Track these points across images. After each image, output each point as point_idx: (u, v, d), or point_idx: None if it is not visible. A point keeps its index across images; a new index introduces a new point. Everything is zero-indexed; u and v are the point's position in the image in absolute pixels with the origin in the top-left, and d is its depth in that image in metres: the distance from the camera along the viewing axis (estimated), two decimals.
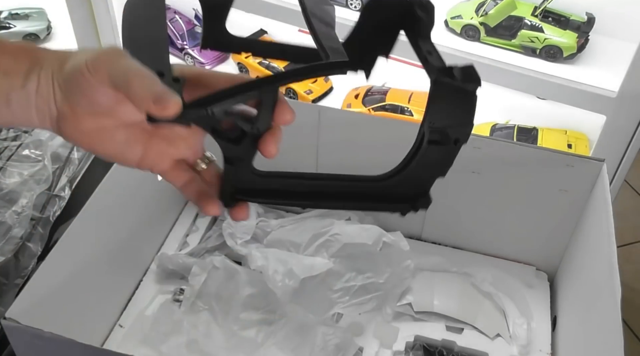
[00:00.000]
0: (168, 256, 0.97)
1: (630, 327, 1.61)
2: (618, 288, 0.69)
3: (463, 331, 0.92)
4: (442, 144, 0.45)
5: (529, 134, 1.39)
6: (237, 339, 0.87)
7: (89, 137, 0.44)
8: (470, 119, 0.45)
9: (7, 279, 0.89)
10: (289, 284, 0.88)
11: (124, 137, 0.45)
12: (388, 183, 0.48)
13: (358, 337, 0.90)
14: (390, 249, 0.95)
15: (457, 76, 0.43)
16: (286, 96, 1.54)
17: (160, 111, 0.39)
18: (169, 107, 0.39)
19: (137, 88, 0.40)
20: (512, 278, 0.99)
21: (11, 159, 1.02)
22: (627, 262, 1.75)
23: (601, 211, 0.82)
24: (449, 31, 1.31)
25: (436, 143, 0.45)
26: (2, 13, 1.66)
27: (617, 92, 1.15)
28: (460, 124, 0.45)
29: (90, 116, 0.43)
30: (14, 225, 0.94)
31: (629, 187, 1.98)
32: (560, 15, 1.29)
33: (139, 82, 0.40)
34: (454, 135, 0.45)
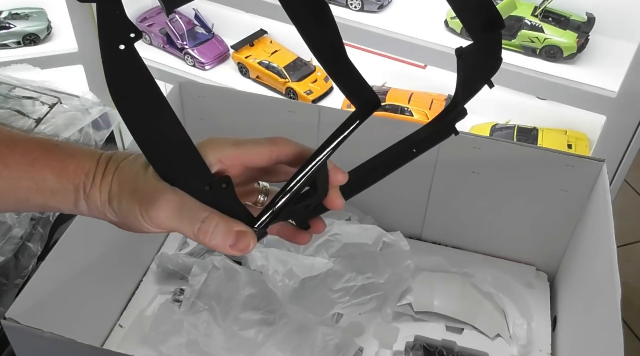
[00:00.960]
0: (168, 256, 0.97)
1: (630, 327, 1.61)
2: (618, 288, 0.69)
3: (463, 331, 0.92)
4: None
5: (529, 134, 1.39)
6: (237, 339, 0.87)
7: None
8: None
9: (7, 279, 0.89)
10: (289, 284, 0.88)
11: None
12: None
13: (358, 337, 0.90)
14: (390, 249, 0.95)
15: None
16: (286, 96, 1.54)
17: (239, 253, 0.41)
18: (247, 248, 0.42)
19: (210, 241, 0.41)
20: (512, 278, 0.99)
21: None
22: (627, 262, 1.75)
23: (601, 211, 0.82)
24: (449, 31, 1.31)
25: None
26: (2, 13, 1.66)
27: (617, 92, 1.15)
28: None
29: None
30: (14, 225, 0.94)
31: (629, 187, 1.98)
32: (560, 15, 1.29)
33: (209, 235, 0.42)
34: None
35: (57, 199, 0.44)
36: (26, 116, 1.08)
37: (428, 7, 1.38)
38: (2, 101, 1.10)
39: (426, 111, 1.44)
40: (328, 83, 1.56)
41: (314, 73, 1.57)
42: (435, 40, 1.27)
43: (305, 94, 1.52)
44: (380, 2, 1.34)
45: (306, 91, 1.53)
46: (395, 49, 1.30)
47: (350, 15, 1.32)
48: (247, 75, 1.61)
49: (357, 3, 1.33)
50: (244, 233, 0.41)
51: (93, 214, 0.45)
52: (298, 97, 1.53)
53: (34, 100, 1.11)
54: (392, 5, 1.38)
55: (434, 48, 1.26)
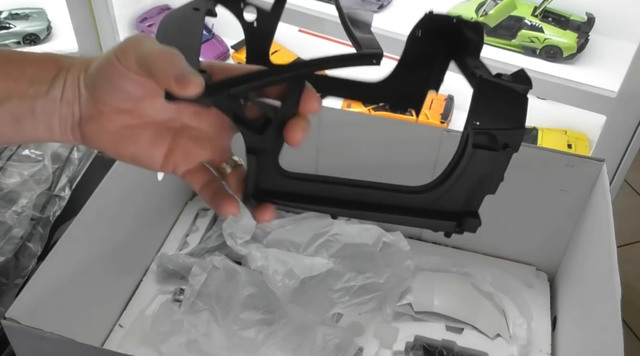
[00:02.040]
0: (168, 256, 0.97)
1: (630, 327, 1.61)
2: (618, 288, 0.69)
3: (463, 331, 0.92)
4: (490, 148, 0.41)
5: (529, 134, 1.39)
6: (237, 339, 0.87)
7: (114, 138, 0.43)
8: (521, 122, 0.40)
9: (7, 279, 0.90)
10: (289, 284, 0.88)
11: (150, 137, 0.44)
12: (431, 196, 0.43)
13: (358, 337, 0.90)
14: (390, 249, 0.95)
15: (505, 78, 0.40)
16: None
17: (181, 89, 0.39)
18: (190, 85, 0.39)
19: (161, 65, 0.39)
20: (512, 278, 0.99)
21: (11, 159, 1.02)
22: (627, 262, 1.75)
23: (601, 211, 0.82)
24: None
25: (482, 148, 0.41)
26: (2, 13, 1.67)
27: (617, 92, 1.15)
28: (509, 128, 0.40)
29: (117, 114, 0.43)
30: (14, 225, 0.94)
31: (629, 187, 1.98)
32: (560, 15, 1.29)
33: (163, 60, 0.40)
34: (503, 139, 0.40)
35: (33, 89, 0.43)
36: None
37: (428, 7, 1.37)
38: None
39: (426, 111, 1.43)
40: None
41: None
42: None
43: None
44: (380, 2, 1.34)
45: None
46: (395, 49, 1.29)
47: None
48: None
49: None
50: (194, 73, 0.39)
51: (66, 97, 0.43)
52: None
53: None
54: (392, 5, 1.38)
55: None
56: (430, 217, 0.44)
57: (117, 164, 0.85)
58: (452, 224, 0.44)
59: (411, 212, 0.44)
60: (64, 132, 0.44)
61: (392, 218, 0.45)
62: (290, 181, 0.44)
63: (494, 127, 0.40)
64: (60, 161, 1.04)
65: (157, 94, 0.41)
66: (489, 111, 0.40)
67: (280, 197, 0.44)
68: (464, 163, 0.42)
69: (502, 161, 0.42)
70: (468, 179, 0.43)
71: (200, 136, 0.45)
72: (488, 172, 0.43)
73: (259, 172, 0.43)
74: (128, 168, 0.87)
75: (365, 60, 0.43)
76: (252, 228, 0.99)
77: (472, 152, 0.41)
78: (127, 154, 0.44)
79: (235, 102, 0.41)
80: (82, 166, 1.06)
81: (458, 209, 0.44)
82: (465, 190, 0.43)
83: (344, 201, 0.44)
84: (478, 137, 0.40)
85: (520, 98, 0.40)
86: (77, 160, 1.06)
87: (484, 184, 0.44)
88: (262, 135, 0.42)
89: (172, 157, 0.45)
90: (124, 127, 0.43)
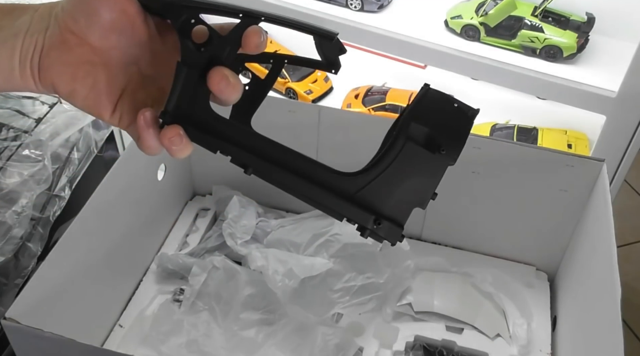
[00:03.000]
0: (168, 256, 0.97)
1: (630, 327, 1.61)
2: (618, 288, 0.69)
3: (463, 331, 0.92)
4: (424, 147, 0.40)
5: (529, 134, 1.39)
6: (237, 339, 0.87)
7: (72, 72, 0.44)
8: (463, 137, 0.40)
9: (7, 279, 0.89)
10: (289, 284, 0.88)
11: (106, 79, 0.44)
12: (356, 181, 0.42)
13: (358, 337, 0.90)
14: (390, 249, 0.95)
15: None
16: (286, 96, 1.54)
17: None
18: None
19: None
20: (512, 278, 0.99)
21: (11, 159, 1.02)
22: (627, 262, 1.75)
23: (601, 211, 0.82)
24: (449, 31, 1.31)
25: (417, 143, 0.40)
26: None
27: (617, 92, 1.15)
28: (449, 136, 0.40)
29: (80, 46, 0.43)
30: (14, 225, 0.94)
31: (629, 187, 1.98)
32: (560, 15, 1.29)
33: None
34: (440, 142, 0.40)
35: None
36: (26, 116, 1.08)
37: (428, 7, 1.38)
38: (2, 100, 1.10)
39: None
40: (328, 83, 1.56)
41: (314, 73, 1.57)
42: (435, 40, 1.27)
43: (305, 94, 1.52)
44: (380, 2, 1.34)
45: (306, 91, 1.53)
46: (395, 49, 1.30)
47: (350, 15, 1.32)
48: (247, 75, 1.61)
49: (357, 3, 1.33)
50: None
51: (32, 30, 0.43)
52: (298, 97, 1.53)
53: (33, 100, 1.11)
54: (392, 5, 1.38)
55: (434, 48, 1.26)
56: (349, 202, 0.42)
57: (117, 164, 0.85)
58: (369, 217, 0.42)
59: (331, 190, 0.42)
60: (23, 68, 0.43)
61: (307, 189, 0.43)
62: (213, 118, 0.43)
63: (433, 128, 0.40)
64: (60, 161, 1.04)
65: (124, 30, 0.43)
66: (433, 114, 0.40)
67: (199, 129, 0.43)
68: (393, 153, 0.40)
69: (436, 167, 0.41)
70: (397, 175, 0.41)
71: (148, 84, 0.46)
72: (419, 177, 0.41)
73: (185, 91, 0.42)
74: (128, 168, 0.87)
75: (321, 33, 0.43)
76: (252, 228, 0.99)
77: (405, 143, 0.40)
78: (82, 94, 0.44)
79: (185, 17, 0.42)
80: (82, 166, 1.06)
81: (383, 210, 0.42)
82: (392, 188, 0.42)
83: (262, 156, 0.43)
84: (416, 130, 0.40)
85: (467, 119, 0.41)
86: (77, 160, 1.06)
87: (414, 194, 0.42)
88: (200, 52, 0.42)
89: (121, 105, 0.45)
90: (84, 62, 0.44)
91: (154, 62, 0.46)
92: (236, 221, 0.98)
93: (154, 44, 0.46)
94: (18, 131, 1.06)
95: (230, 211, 0.99)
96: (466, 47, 1.27)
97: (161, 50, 0.46)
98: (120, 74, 0.45)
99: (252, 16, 0.42)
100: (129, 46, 0.44)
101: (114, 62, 0.45)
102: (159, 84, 0.46)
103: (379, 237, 0.43)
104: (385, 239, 0.43)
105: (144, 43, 0.45)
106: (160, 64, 0.46)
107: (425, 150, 0.40)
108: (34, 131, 1.06)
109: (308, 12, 1.31)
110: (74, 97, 0.45)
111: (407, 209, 0.43)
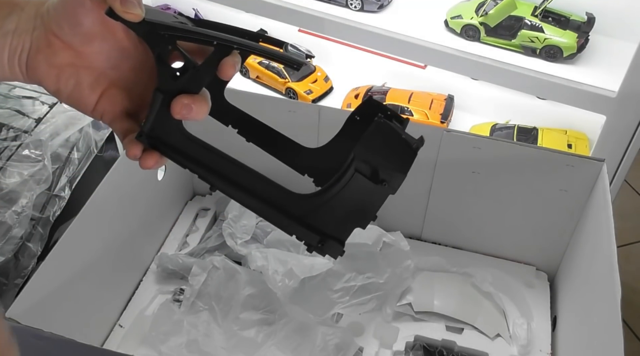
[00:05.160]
0: (168, 256, 0.97)
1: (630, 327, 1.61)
2: (618, 288, 0.69)
3: (463, 331, 0.92)
4: (369, 179, 0.44)
5: (529, 134, 1.39)
6: (237, 339, 0.87)
7: (57, 73, 0.46)
8: (405, 170, 0.44)
9: (7, 279, 0.90)
10: (289, 284, 0.88)
11: (90, 80, 0.47)
12: (307, 204, 0.46)
13: (358, 337, 0.90)
14: (390, 249, 0.95)
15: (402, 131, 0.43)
16: (286, 96, 1.54)
17: (122, 11, 0.43)
18: (131, 11, 0.43)
19: None
20: (512, 278, 0.99)
21: (11, 159, 1.02)
22: (627, 262, 1.75)
23: (601, 211, 0.82)
24: (449, 31, 1.31)
25: (362, 175, 0.44)
26: None
27: (617, 92, 1.15)
28: (393, 169, 0.44)
29: (65, 49, 0.45)
30: (14, 225, 0.94)
31: (629, 187, 1.98)
32: (560, 15, 1.29)
33: None
34: (384, 175, 0.44)
35: None
36: (26, 116, 1.08)
37: (428, 7, 1.37)
38: (2, 100, 1.10)
39: (426, 111, 1.43)
40: (328, 83, 1.56)
41: (314, 73, 1.57)
42: (435, 40, 1.27)
43: (305, 94, 1.52)
44: (380, 2, 1.34)
45: (306, 91, 1.53)
46: (395, 49, 1.30)
47: (350, 15, 1.32)
48: (247, 75, 1.61)
49: (357, 3, 1.33)
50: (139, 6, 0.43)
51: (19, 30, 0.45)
52: (298, 97, 1.52)
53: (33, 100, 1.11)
54: (392, 5, 1.38)
55: (434, 48, 1.26)
56: (299, 223, 0.46)
57: (117, 164, 0.85)
58: (315, 237, 0.46)
59: (283, 211, 0.46)
60: (12, 66, 0.46)
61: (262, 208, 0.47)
62: (185, 139, 0.47)
63: (379, 162, 0.44)
64: (60, 161, 1.04)
65: (106, 37, 0.45)
66: (379, 149, 0.44)
67: (171, 149, 0.47)
68: (343, 182, 0.45)
69: (378, 196, 0.45)
70: (344, 201, 0.45)
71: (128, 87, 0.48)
72: (362, 203, 0.45)
73: (160, 114, 0.45)
74: (128, 168, 0.87)
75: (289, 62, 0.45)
76: (252, 228, 0.99)
77: (352, 175, 0.44)
78: (65, 93, 0.47)
79: (163, 45, 0.44)
80: (82, 166, 1.06)
81: (328, 230, 0.46)
82: (338, 212, 0.46)
83: (225, 177, 0.47)
84: (362, 164, 0.44)
85: (411, 151, 0.43)
86: (77, 160, 1.06)
87: (357, 216, 0.46)
88: (175, 80, 0.45)
89: (102, 104, 0.48)
90: (68, 65, 0.46)
91: (136, 68, 0.48)
92: (236, 221, 0.98)
93: (137, 51, 0.48)
94: (18, 131, 1.06)
95: (230, 211, 0.99)
96: (466, 47, 1.27)
97: (144, 58, 0.48)
98: (102, 77, 0.47)
99: (226, 45, 0.44)
100: (111, 52, 0.46)
101: (96, 65, 0.47)
102: (139, 90, 0.48)
103: (322, 252, 0.47)
104: (327, 255, 0.47)
105: (127, 50, 0.47)
106: (141, 69, 0.48)
107: (370, 182, 0.44)
108: (34, 131, 1.06)
109: (308, 12, 1.31)
110: (59, 94, 0.47)
111: (349, 229, 0.47)
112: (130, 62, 0.48)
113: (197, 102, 0.45)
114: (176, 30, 0.45)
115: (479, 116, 1.48)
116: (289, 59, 0.45)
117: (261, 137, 0.52)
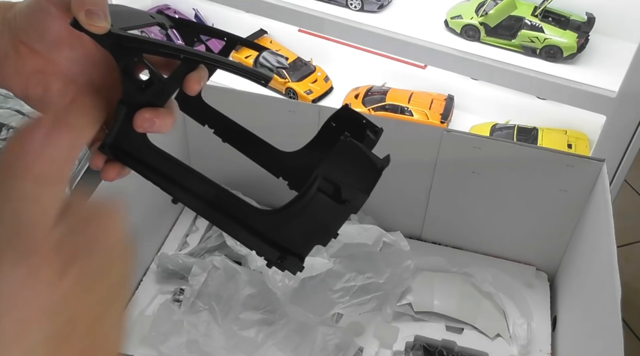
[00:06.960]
0: (168, 256, 0.97)
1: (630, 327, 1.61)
2: (618, 288, 0.69)
3: (463, 331, 0.92)
4: (331, 198, 0.44)
5: (529, 134, 1.39)
6: (237, 339, 0.87)
7: (25, 80, 0.46)
8: (368, 189, 0.44)
9: None
10: (289, 284, 0.88)
11: (59, 87, 0.46)
12: (268, 220, 0.46)
13: (358, 337, 0.90)
14: (390, 249, 0.95)
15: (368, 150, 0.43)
16: (286, 96, 1.54)
17: (86, 23, 0.42)
18: (96, 24, 0.42)
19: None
20: (512, 278, 0.99)
21: None
22: (627, 262, 1.75)
23: (601, 211, 0.82)
24: (449, 31, 1.32)
25: (324, 194, 0.44)
26: None
27: (617, 92, 1.15)
28: (356, 189, 0.44)
29: (32, 57, 0.45)
30: None
31: (629, 187, 1.98)
32: (560, 15, 1.29)
33: None
34: (346, 195, 0.44)
35: None
36: (26, 116, 1.08)
37: (428, 7, 1.38)
38: (2, 101, 1.10)
39: (426, 110, 1.44)
40: (328, 83, 1.56)
41: (314, 73, 1.57)
42: (435, 40, 1.27)
43: (305, 94, 1.52)
44: (380, 2, 1.35)
45: (306, 91, 1.53)
46: (395, 49, 1.30)
47: (350, 15, 1.32)
48: None
49: (357, 3, 1.33)
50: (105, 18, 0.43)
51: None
52: (298, 97, 1.53)
53: None
54: (392, 5, 1.38)
55: (434, 48, 1.27)
56: (259, 238, 0.46)
57: None
58: (275, 253, 0.46)
59: (244, 226, 0.46)
60: None
61: (224, 222, 0.47)
62: (148, 149, 0.47)
63: (341, 182, 0.43)
64: None
65: (74, 45, 0.44)
66: (344, 168, 0.43)
67: (134, 160, 0.47)
68: (305, 200, 0.44)
69: (340, 215, 0.45)
70: (305, 218, 0.45)
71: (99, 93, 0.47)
72: (324, 220, 0.45)
73: (123, 126, 0.45)
74: None
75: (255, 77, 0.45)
76: None
77: (315, 193, 0.44)
78: (34, 99, 0.47)
79: (129, 57, 0.44)
80: (82, 166, 1.06)
81: (289, 247, 0.46)
82: (300, 229, 0.46)
83: (187, 189, 0.47)
84: (325, 183, 0.44)
85: (376, 171, 0.43)
86: (77, 160, 1.06)
87: (318, 233, 0.46)
88: (141, 93, 0.45)
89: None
90: (37, 71, 0.46)
91: (106, 75, 0.48)
92: None
93: (107, 59, 0.47)
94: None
95: None
96: (466, 47, 1.27)
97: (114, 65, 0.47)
98: (71, 83, 0.47)
99: (192, 59, 0.44)
100: (80, 59, 0.46)
101: (65, 72, 0.46)
102: (109, 95, 0.47)
103: (282, 268, 0.47)
104: (286, 270, 0.47)
105: (96, 57, 0.47)
106: (112, 76, 0.47)
107: (332, 201, 0.44)
108: None
109: (308, 12, 1.31)
110: (27, 100, 0.47)
111: (310, 246, 0.47)
112: (100, 69, 0.47)
113: (160, 117, 0.45)
114: (142, 43, 0.44)
115: (479, 116, 1.48)
116: (254, 74, 0.45)
117: (237, 138, 0.52)
